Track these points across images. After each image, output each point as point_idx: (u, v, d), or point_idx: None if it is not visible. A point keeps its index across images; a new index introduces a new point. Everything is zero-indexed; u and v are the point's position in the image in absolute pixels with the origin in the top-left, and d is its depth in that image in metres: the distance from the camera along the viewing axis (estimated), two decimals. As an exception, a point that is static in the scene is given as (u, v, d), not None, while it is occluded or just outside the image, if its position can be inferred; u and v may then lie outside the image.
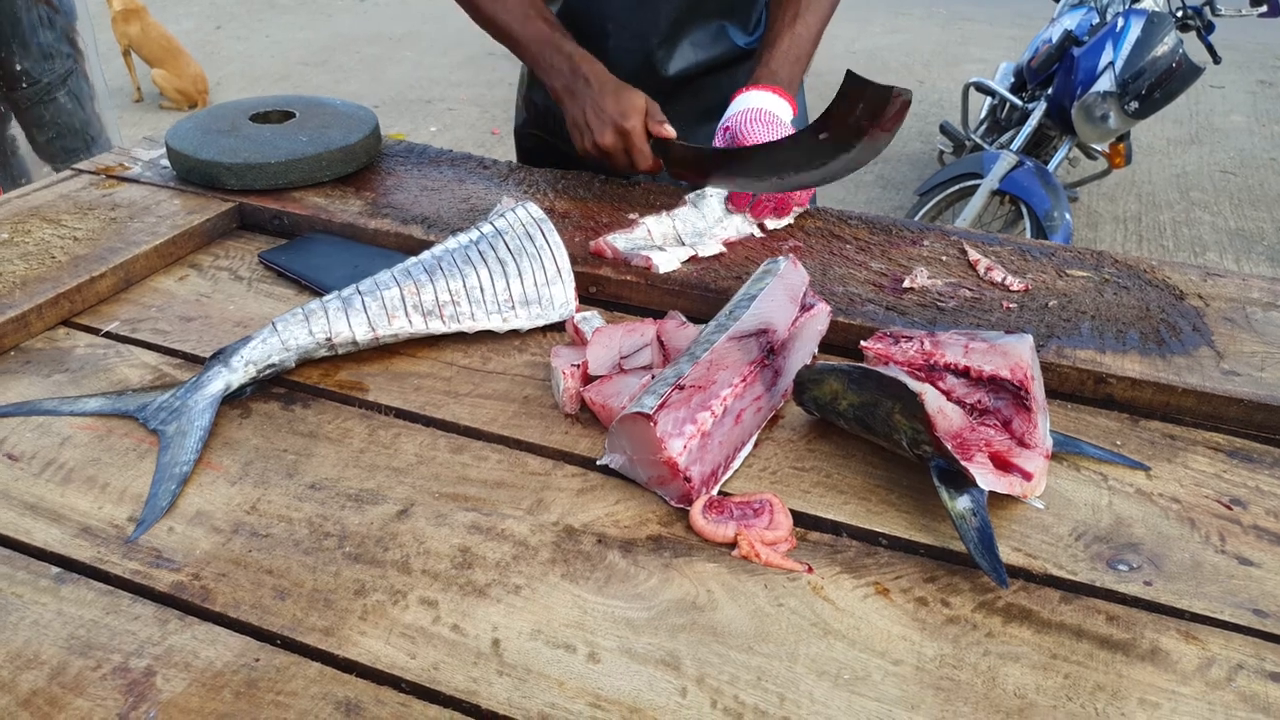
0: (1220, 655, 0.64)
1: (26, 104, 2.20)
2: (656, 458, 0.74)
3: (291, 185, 1.22)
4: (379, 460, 0.80)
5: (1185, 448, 0.84)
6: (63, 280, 1.00)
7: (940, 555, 0.72)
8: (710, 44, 1.35)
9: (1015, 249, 1.13)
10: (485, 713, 0.59)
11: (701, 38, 1.34)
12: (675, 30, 1.32)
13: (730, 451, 0.80)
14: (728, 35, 1.36)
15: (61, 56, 2.22)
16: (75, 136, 2.29)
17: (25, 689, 0.59)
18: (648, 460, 0.76)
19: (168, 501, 0.75)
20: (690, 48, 1.34)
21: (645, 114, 1.15)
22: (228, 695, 0.60)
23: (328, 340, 0.90)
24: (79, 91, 2.28)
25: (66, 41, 2.23)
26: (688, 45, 1.34)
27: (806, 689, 0.61)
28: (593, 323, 0.93)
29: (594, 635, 0.64)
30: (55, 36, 2.20)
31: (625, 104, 1.15)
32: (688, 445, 0.75)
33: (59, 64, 2.21)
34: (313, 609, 0.66)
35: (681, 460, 0.74)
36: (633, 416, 0.75)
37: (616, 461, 0.79)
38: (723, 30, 1.36)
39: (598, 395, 0.84)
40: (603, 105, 1.15)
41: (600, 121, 1.15)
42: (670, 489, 0.76)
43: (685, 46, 1.34)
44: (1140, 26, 3.02)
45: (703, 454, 0.76)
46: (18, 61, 2.16)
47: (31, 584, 0.67)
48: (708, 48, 1.35)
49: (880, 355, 0.88)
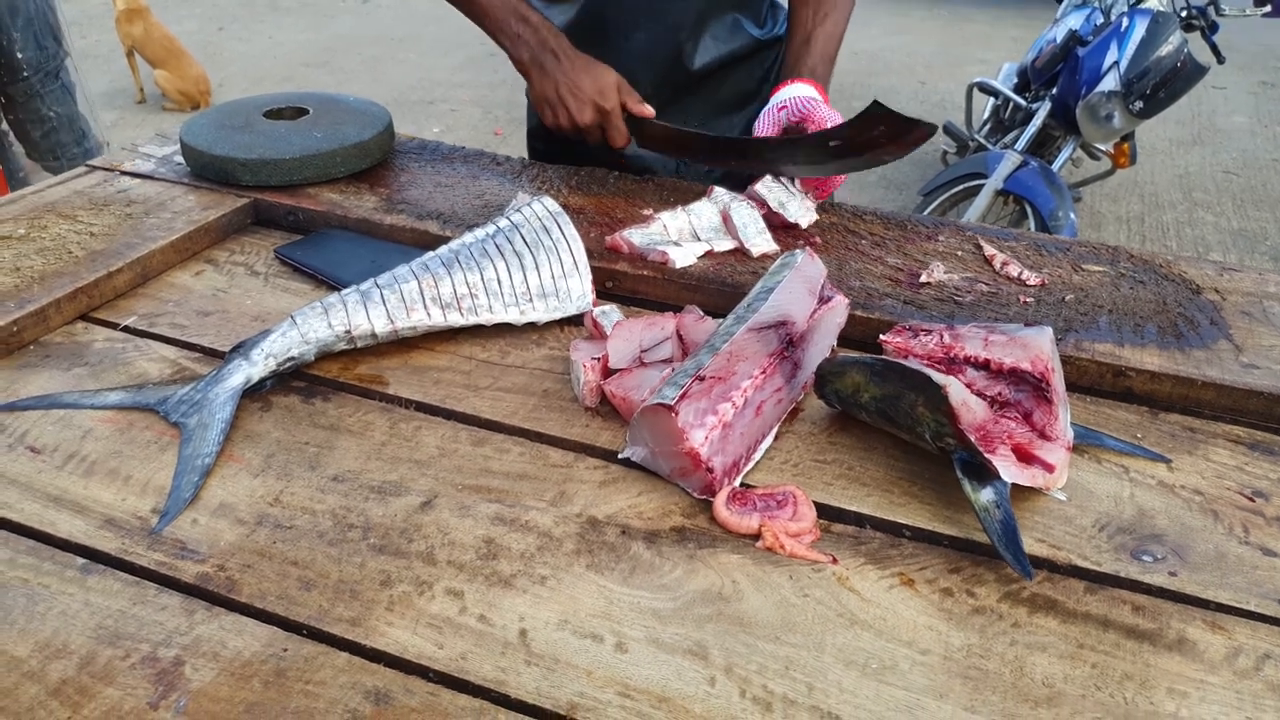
0: (1247, 645, 0.64)
1: (24, 97, 2.20)
2: (678, 449, 0.74)
3: (306, 181, 1.22)
4: (401, 453, 0.80)
5: (1206, 440, 0.84)
6: (80, 275, 1.00)
7: (964, 546, 0.72)
8: (728, 37, 1.37)
9: (1030, 244, 1.13)
10: (515, 702, 0.59)
11: (720, 31, 1.36)
12: (700, 23, 1.33)
13: (751, 443, 0.80)
14: (743, 28, 1.37)
15: (52, 47, 2.23)
16: (67, 130, 2.29)
17: (55, 678, 0.59)
18: (670, 452, 0.76)
19: (191, 493, 0.75)
20: (712, 41, 1.35)
21: (620, 92, 1.18)
22: (257, 684, 0.60)
23: (347, 333, 0.91)
24: (69, 85, 2.29)
25: (53, 33, 2.24)
26: (709, 39, 1.35)
27: (835, 678, 0.61)
28: (611, 317, 0.93)
29: (621, 625, 0.64)
30: (45, 29, 2.21)
31: (602, 83, 1.17)
32: (709, 436, 0.75)
33: (51, 56, 2.22)
34: (339, 600, 0.66)
35: (703, 451, 0.74)
36: (654, 408, 0.75)
37: (638, 454, 0.79)
38: (738, 23, 1.37)
39: (618, 388, 0.84)
40: (579, 84, 1.17)
41: (578, 101, 1.18)
42: (693, 480, 0.76)
43: (707, 40, 1.35)
44: (1145, 26, 3.02)
45: (724, 445, 0.76)
46: (19, 50, 2.16)
47: (58, 575, 0.67)
48: (727, 40, 1.37)
49: (900, 349, 0.88)
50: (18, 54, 2.16)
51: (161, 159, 1.30)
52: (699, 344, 0.87)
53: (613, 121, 1.18)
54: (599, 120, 1.18)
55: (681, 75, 1.34)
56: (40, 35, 2.18)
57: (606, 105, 1.17)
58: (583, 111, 1.17)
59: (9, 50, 2.15)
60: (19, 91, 2.20)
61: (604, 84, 1.17)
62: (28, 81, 2.18)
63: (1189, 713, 0.59)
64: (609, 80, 1.18)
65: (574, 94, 1.18)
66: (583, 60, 1.19)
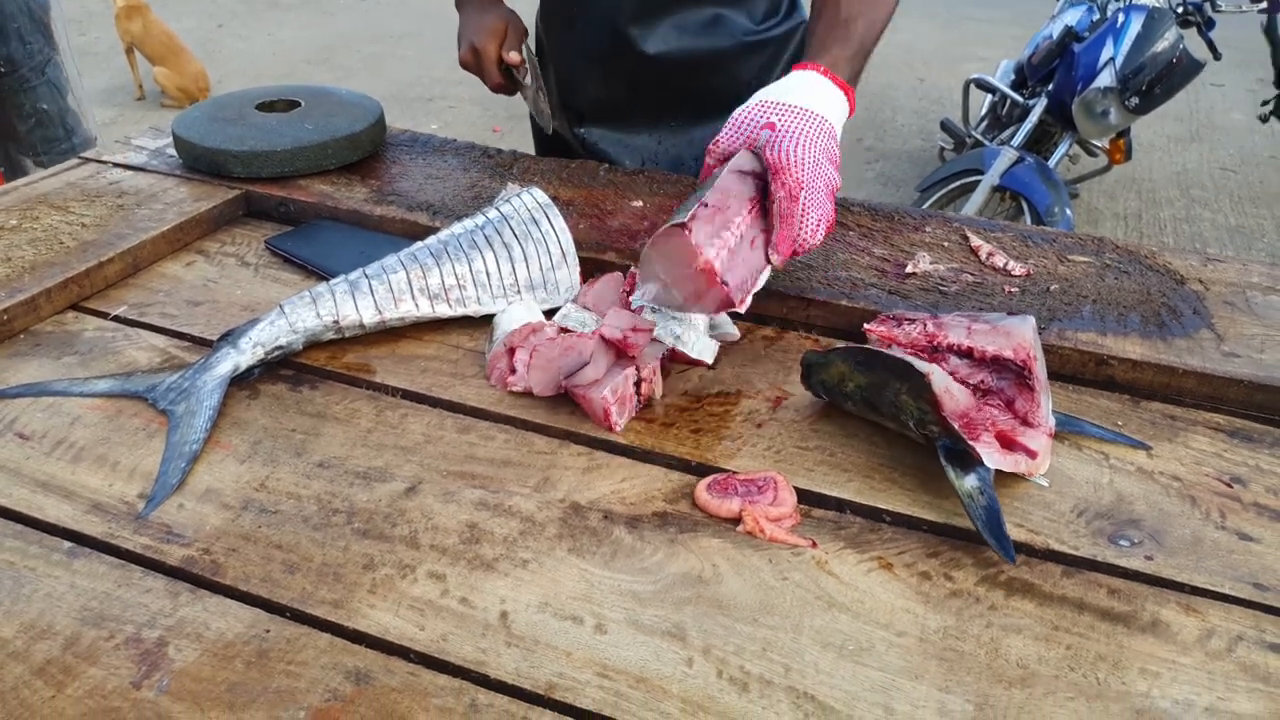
0: (1220, 627, 0.65)
1: (8, 92, 2.20)
2: (693, 268, 0.79)
3: (297, 173, 1.23)
4: (386, 440, 0.81)
5: (1186, 428, 0.85)
6: (71, 265, 1.01)
7: (943, 531, 0.73)
8: (701, 31, 1.26)
9: (1017, 235, 1.14)
10: (494, 682, 0.60)
11: (690, 22, 1.25)
12: (646, 6, 1.24)
13: (752, 274, 0.84)
14: (726, 24, 1.26)
15: (39, 44, 2.23)
16: (54, 125, 2.29)
17: (39, 658, 0.60)
18: (684, 276, 0.80)
19: (178, 479, 0.76)
20: (674, 31, 1.26)
21: (501, 37, 1.25)
22: (239, 665, 0.60)
23: (335, 323, 0.91)
24: (57, 81, 2.29)
25: (42, 30, 2.24)
26: (670, 27, 1.25)
27: (811, 659, 0.62)
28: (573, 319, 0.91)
29: (601, 608, 0.65)
30: (31, 25, 2.21)
31: (485, 26, 1.25)
32: (719, 254, 0.80)
33: (37, 52, 2.22)
34: (322, 582, 0.67)
35: (718, 265, 0.78)
36: (667, 231, 0.80)
37: (650, 294, 0.83)
38: (719, 19, 1.26)
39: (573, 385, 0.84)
40: (468, 25, 1.28)
41: (464, 41, 1.27)
42: (708, 299, 0.80)
43: (665, 28, 1.25)
44: (1141, 22, 3.02)
45: (733, 266, 0.81)
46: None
47: (44, 558, 0.68)
48: (696, 35, 1.26)
49: (884, 338, 0.88)
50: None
51: (154, 151, 1.31)
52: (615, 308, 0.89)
53: (483, 63, 1.26)
54: (474, 60, 1.26)
55: (631, 64, 1.27)
56: (25, 32, 2.19)
57: (478, 44, 1.25)
58: (464, 49, 1.27)
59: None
60: (2, 86, 2.21)
61: (486, 27, 1.25)
62: (9, 77, 2.19)
63: (1160, 692, 0.60)
64: (491, 25, 1.25)
65: (463, 35, 1.28)
66: (485, 4, 1.28)
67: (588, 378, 0.82)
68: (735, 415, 0.85)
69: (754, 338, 0.97)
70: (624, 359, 0.84)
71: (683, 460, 0.79)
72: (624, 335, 0.82)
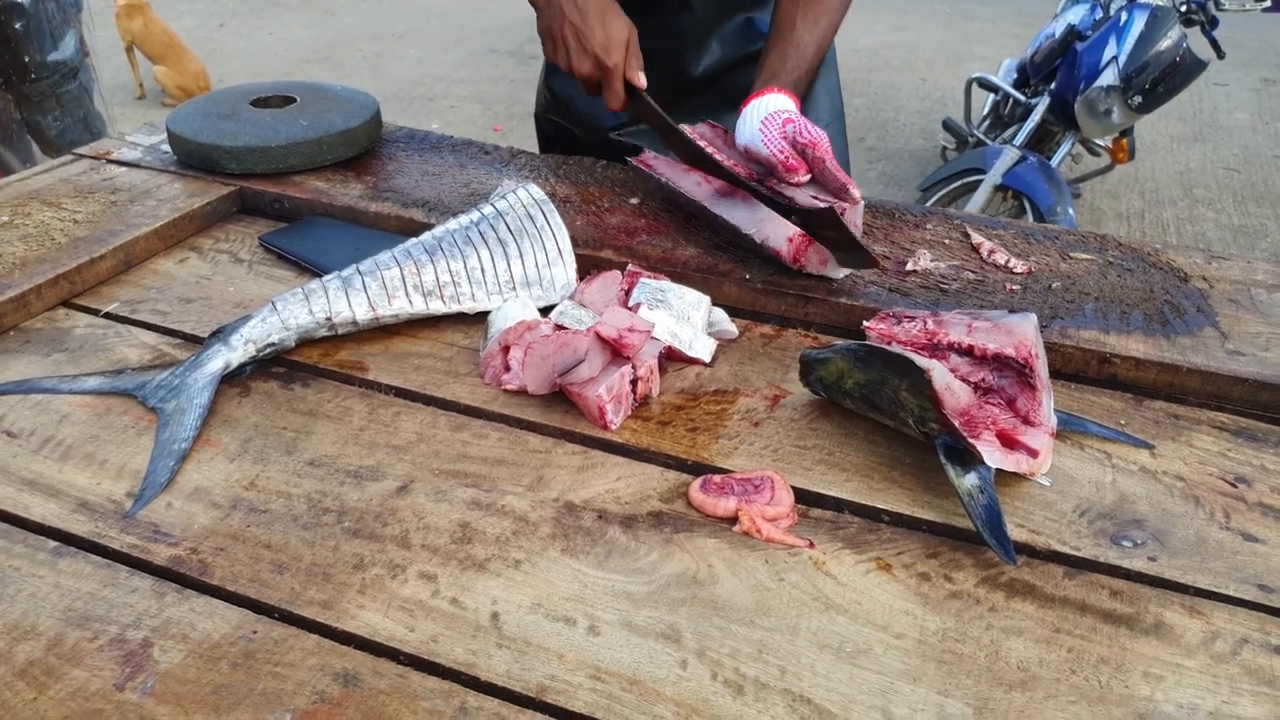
0: (1225, 629, 0.63)
1: (38, 96, 2.20)
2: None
3: (292, 169, 1.22)
4: (379, 438, 0.80)
5: (1190, 427, 0.84)
6: (62, 261, 1.00)
7: (942, 531, 0.72)
8: (738, 40, 1.33)
9: (1018, 233, 1.12)
10: (485, 684, 0.59)
11: (730, 34, 1.32)
12: (706, 31, 1.30)
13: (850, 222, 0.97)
14: (756, 27, 1.34)
15: (70, 50, 2.22)
16: (82, 130, 2.29)
17: (22, 659, 0.59)
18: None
19: (166, 477, 0.74)
20: (718, 45, 1.33)
21: (628, 50, 1.07)
22: (225, 666, 0.59)
23: (328, 320, 0.90)
24: (88, 85, 2.29)
25: (75, 35, 2.24)
26: (715, 44, 1.32)
27: (808, 662, 0.60)
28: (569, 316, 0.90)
29: (594, 609, 0.64)
30: (64, 30, 2.21)
31: (611, 36, 1.06)
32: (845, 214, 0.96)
33: (68, 57, 2.22)
34: (311, 582, 0.66)
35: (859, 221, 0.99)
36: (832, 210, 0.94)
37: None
38: (751, 24, 1.33)
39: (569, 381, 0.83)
40: (586, 29, 1.06)
41: (581, 50, 1.07)
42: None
43: (713, 45, 1.32)
44: (1144, 20, 3.01)
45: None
46: (28, 54, 2.15)
47: (29, 557, 0.67)
48: (736, 44, 1.33)
49: (884, 335, 0.87)
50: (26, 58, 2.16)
51: (148, 147, 1.30)
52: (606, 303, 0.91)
53: (611, 82, 1.07)
54: (597, 76, 1.08)
55: (683, 80, 1.32)
56: (56, 37, 2.19)
57: (608, 62, 1.06)
58: (582, 61, 1.07)
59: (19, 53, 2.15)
60: (34, 91, 2.20)
61: (612, 38, 1.06)
62: (41, 82, 2.19)
63: (1164, 696, 0.59)
64: (618, 35, 1.06)
65: (578, 39, 1.07)
66: (597, 4, 1.07)
67: (583, 375, 0.81)
68: (732, 414, 0.84)
69: (752, 336, 0.96)
70: (620, 357, 0.83)
71: (679, 459, 0.78)
72: (620, 333, 0.80)
